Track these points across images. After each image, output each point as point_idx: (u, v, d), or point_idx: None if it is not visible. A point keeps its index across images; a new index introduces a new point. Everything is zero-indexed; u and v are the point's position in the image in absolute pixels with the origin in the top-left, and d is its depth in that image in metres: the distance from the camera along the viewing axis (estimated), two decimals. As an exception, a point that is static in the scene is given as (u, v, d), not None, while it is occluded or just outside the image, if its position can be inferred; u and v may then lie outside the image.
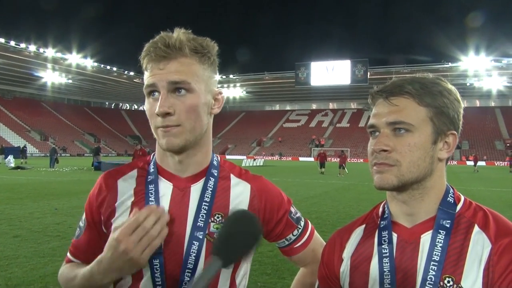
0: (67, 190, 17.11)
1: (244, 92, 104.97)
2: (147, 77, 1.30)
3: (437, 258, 1.12)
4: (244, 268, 1.50)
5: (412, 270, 1.15)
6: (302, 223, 1.55)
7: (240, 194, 1.45)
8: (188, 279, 1.34)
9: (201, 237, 1.35)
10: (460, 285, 1.08)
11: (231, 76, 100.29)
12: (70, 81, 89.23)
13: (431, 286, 1.10)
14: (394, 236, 1.22)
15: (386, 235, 1.23)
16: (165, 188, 1.40)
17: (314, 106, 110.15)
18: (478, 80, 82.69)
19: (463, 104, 1.21)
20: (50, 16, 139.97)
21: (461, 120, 1.23)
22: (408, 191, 1.19)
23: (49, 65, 79.94)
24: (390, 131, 1.17)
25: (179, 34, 1.31)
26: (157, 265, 1.33)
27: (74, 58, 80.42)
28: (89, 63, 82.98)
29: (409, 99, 1.17)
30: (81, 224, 1.48)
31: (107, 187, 1.44)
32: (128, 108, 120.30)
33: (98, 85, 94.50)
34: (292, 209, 1.54)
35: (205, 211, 1.38)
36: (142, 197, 1.40)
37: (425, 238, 1.17)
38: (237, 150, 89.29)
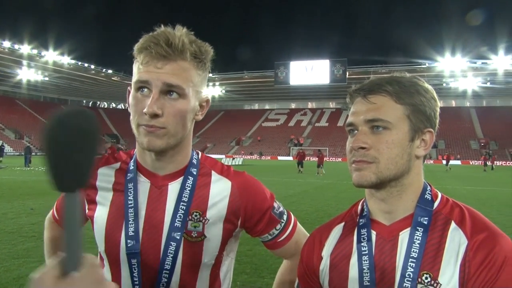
0: (43, 190, 16.74)
1: (224, 91, 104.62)
2: (140, 71, 1.27)
3: (415, 255, 1.13)
4: (227, 264, 1.51)
5: (391, 267, 1.16)
6: (285, 217, 1.55)
7: (220, 191, 1.44)
8: (166, 280, 1.34)
9: (178, 237, 1.35)
10: (437, 281, 1.09)
11: (210, 75, 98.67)
12: (47, 78, 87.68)
13: (410, 283, 1.11)
14: (373, 233, 1.23)
15: (365, 232, 1.24)
16: (143, 186, 1.40)
17: (293, 106, 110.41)
18: (454, 80, 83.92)
19: (440, 104, 1.22)
20: (26, 12, 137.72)
21: (438, 118, 1.25)
22: (386, 189, 1.20)
23: (25, 62, 78.37)
24: (368, 129, 1.19)
25: (182, 34, 1.28)
26: (134, 264, 1.34)
27: (51, 55, 78.96)
28: (66, 60, 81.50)
29: (387, 97, 1.19)
30: None
31: None
32: (106, 106, 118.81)
33: (76, 83, 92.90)
34: (275, 204, 1.53)
35: (182, 211, 1.37)
36: (121, 193, 1.41)
37: (404, 235, 1.18)
38: (216, 149, 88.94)
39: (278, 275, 1.67)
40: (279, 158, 77.79)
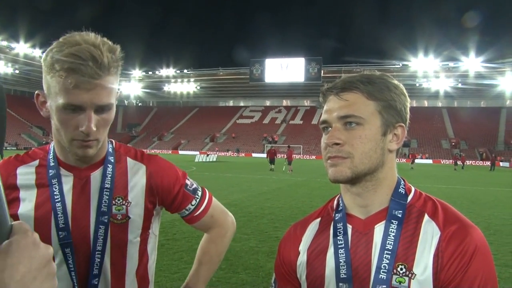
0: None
1: (198, 88, 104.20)
2: (70, 94, 1.29)
3: (390, 247, 1.17)
4: (153, 241, 1.65)
5: (367, 260, 1.19)
6: (200, 193, 1.71)
7: (136, 175, 1.58)
8: (99, 260, 1.47)
9: (106, 220, 1.48)
10: (412, 271, 1.13)
11: (185, 71, 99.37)
12: (17, 71, 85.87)
13: (385, 274, 1.15)
14: (349, 227, 1.25)
15: (341, 226, 1.26)
16: (67, 179, 1.48)
17: (268, 103, 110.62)
18: (427, 81, 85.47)
19: (413, 104, 1.29)
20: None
21: (408, 113, 1.28)
22: (361, 183, 1.23)
23: (-6, 55, 76.76)
24: (342, 125, 1.21)
25: (103, 48, 1.30)
26: (68, 253, 1.44)
27: (22, 48, 77.49)
28: (38, 53, 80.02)
29: (358, 94, 1.22)
30: None
31: (6, 173, 1.47)
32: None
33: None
34: (188, 182, 1.68)
35: (107, 196, 1.49)
36: (45, 188, 1.47)
37: (379, 229, 1.21)
38: (190, 145, 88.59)
39: (200, 245, 1.80)
40: (253, 155, 77.87)
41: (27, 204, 1.46)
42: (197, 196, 1.69)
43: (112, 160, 1.56)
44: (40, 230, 1.40)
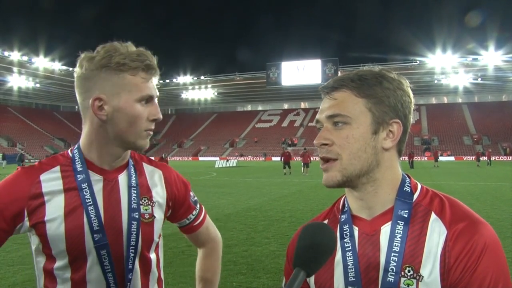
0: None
1: (216, 93, 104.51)
2: (144, 86, 1.48)
3: (397, 249, 1.14)
4: (161, 243, 1.72)
5: (375, 262, 1.17)
6: (198, 205, 1.82)
7: (156, 178, 1.69)
8: (133, 254, 1.54)
9: (137, 216, 1.56)
10: (419, 273, 1.10)
11: (202, 77, 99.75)
12: (38, 85, 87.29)
13: (393, 277, 1.12)
14: (355, 229, 1.23)
15: (347, 229, 1.24)
16: (97, 182, 1.54)
17: (285, 106, 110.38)
18: (446, 77, 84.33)
19: (432, 100, 1.24)
20: (15, 19, 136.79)
21: (409, 108, 1.24)
22: (359, 187, 1.21)
23: (15, 69, 78.07)
24: (331, 125, 1.21)
25: (149, 52, 1.52)
26: (104, 255, 1.49)
27: (41, 62, 78.68)
28: (57, 67, 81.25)
29: (347, 92, 1.20)
30: None
31: (29, 181, 1.48)
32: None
33: (67, 88, 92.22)
34: (191, 193, 1.80)
35: (135, 195, 1.58)
36: (74, 193, 1.50)
37: (385, 230, 1.18)
38: (210, 151, 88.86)
39: (197, 271, 1.86)
40: (273, 159, 77.79)
41: (55, 210, 1.46)
42: (197, 207, 1.81)
43: (133, 164, 1.65)
44: (72, 235, 1.46)
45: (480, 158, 45.71)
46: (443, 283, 1.08)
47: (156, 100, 1.54)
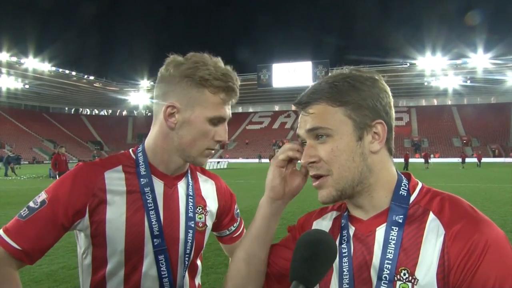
0: (27, 199, 16.47)
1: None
2: (220, 108, 1.50)
3: (390, 256, 1.10)
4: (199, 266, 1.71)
5: (369, 264, 1.14)
6: (239, 218, 1.88)
7: (209, 189, 1.74)
8: (187, 261, 1.57)
9: (193, 225, 1.60)
10: (414, 276, 1.06)
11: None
12: (27, 86, 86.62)
13: (387, 280, 1.09)
14: (352, 229, 1.22)
15: (345, 234, 1.22)
16: (158, 187, 1.56)
17: (277, 108, 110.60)
18: (435, 79, 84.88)
19: (422, 102, 1.20)
20: (4, 19, 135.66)
21: (389, 104, 1.20)
22: (355, 195, 1.19)
23: (4, 70, 77.47)
24: (313, 140, 1.17)
25: (234, 74, 1.53)
26: (162, 260, 1.50)
27: (31, 62, 78.12)
28: (47, 68, 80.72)
29: (322, 103, 1.16)
30: (36, 206, 1.46)
31: (94, 176, 1.48)
32: (88, 113, 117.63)
33: (57, 90, 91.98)
34: (236, 205, 1.86)
35: (191, 204, 1.62)
36: (136, 195, 1.51)
37: (380, 231, 1.15)
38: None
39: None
40: (263, 161, 77.74)
41: (116, 210, 1.47)
42: (238, 220, 1.86)
43: (189, 173, 1.68)
44: (132, 238, 1.47)
45: (465, 160, 45.72)
46: (444, 286, 1.04)
47: (226, 122, 1.55)
